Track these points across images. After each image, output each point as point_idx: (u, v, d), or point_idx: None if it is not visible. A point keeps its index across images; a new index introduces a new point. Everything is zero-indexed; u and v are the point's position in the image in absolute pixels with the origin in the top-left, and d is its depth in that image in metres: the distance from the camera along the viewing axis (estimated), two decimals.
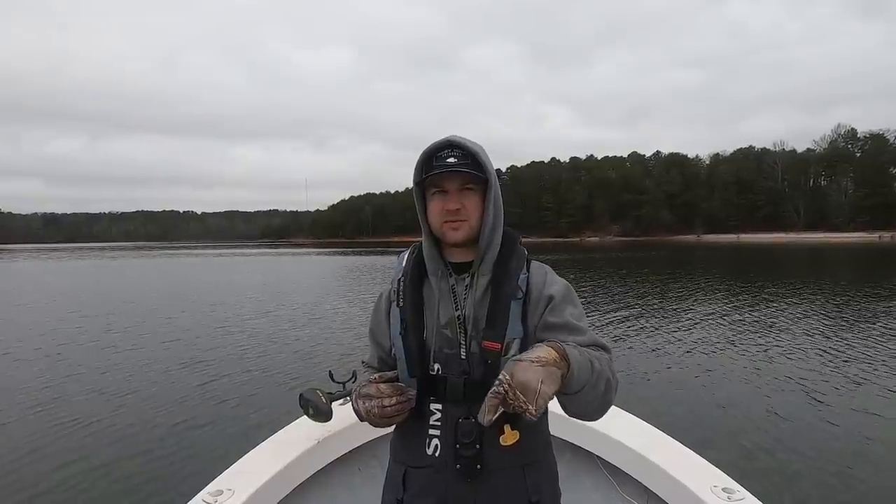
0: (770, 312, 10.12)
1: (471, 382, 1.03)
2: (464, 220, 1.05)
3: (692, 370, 6.22)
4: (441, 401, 1.05)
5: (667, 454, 1.67)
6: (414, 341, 1.08)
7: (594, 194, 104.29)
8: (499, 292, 1.06)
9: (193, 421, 4.68)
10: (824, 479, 3.45)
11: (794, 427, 4.35)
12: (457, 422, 1.03)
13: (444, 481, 1.04)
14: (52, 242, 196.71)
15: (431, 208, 1.08)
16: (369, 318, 1.23)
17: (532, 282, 1.08)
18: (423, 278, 1.13)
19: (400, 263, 1.17)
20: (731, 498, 1.39)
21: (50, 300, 14.47)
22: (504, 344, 1.02)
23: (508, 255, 1.10)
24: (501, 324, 1.03)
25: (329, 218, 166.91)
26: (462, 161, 1.03)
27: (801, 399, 5.05)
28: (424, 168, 1.06)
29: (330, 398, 1.84)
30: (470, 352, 1.05)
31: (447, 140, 1.05)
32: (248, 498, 1.43)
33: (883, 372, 5.86)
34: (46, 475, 3.66)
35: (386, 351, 1.17)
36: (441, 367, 1.06)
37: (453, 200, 1.05)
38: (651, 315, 10.13)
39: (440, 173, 1.03)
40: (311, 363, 6.73)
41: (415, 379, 1.06)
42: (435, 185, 1.06)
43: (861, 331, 8.19)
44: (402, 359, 1.08)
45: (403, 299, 1.11)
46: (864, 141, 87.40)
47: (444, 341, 1.07)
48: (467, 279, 1.09)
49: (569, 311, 1.05)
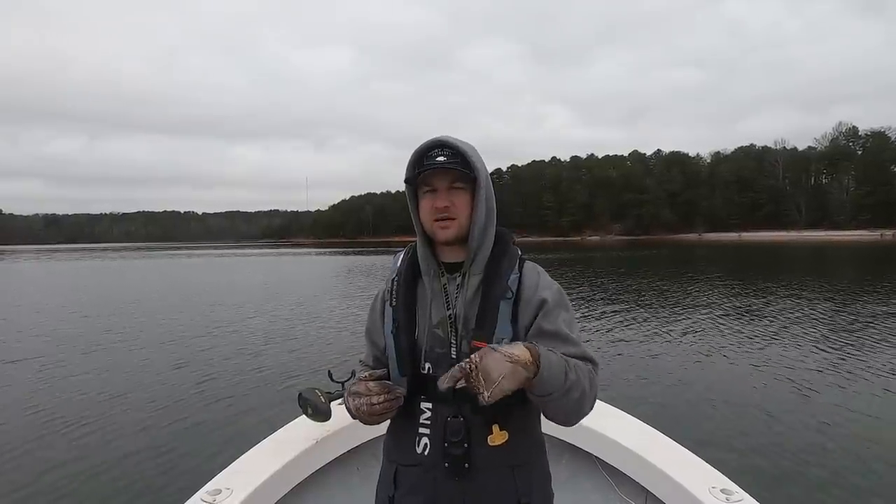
0: (771, 312, 10.11)
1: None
2: (453, 219, 1.06)
3: (690, 371, 6.21)
4: (431, 400, 1.06)
5: (665, 455, 1.67)
6: (405, 340, 1.09)
7: (595, 193, 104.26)
8: (488, 292, 1.06)
9: (192, 420, 4.69)
10: (823, 480, 3.44)
11: (793, 428, 4.34)
12: (446, 420, 1.04)
13: (433, 480, 1.05)
14: (53, 243, 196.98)
15: (423, 207, 1.10)
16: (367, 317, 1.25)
17: (524, 282, 1.08)
18: (417, 278, 1.14)
19: (395, 263, 1.18)
20: (729, 499, 1.39)
21: (52, 300, 14.49)
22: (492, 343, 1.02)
23: (500, 255, 1.10)
24: (490, 324, 1.03)
25: (330, 218, 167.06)
26: (451, 160, 1.05)
27: (800, 400, 5.04)
28: (415, 167, 1.08)
29: (329, 398, 1.84)
30: (461, 351, 1.05)
31: (437, 139, 1.07)
32: (246, 497, 1.42)
33: (883, 373, 5.84)
34: (46, 475, 3.67)
35: (381, 350, 1.18)
36: (432, 366, 1.07)
37: (442, 198, 1.06)
38: (650, 315, 10.12)
39: (429, 171, 1.05)
40: (310, 363, 6.73)
41: (405, 378, 1.07)
42: (426, 183, 1.08)
43: (862, 331, 8.17)
44: (393, 358, 1.10)
45: (396, 299, 1.12)
46: (865, 139, 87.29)
47: (435, 341, 1.08)
48: (458, 279, 1.10)
49: (562, 318, 1.06)
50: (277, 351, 7.47)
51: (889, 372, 5.80)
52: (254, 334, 8.77)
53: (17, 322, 10.71)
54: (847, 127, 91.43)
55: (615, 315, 10.07)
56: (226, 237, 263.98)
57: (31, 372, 6.55)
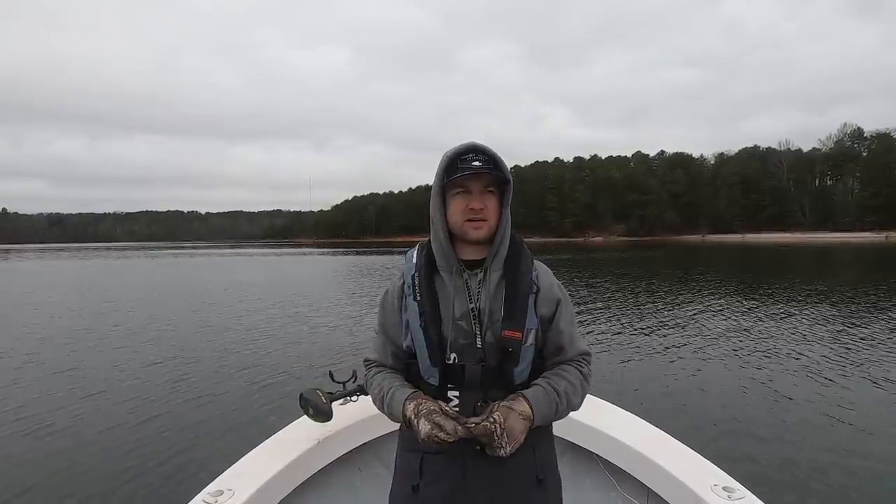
0: (772, 312, 10.06)
1: (487, 369, 1.13)
2: (485, 220, 1.15)
3: (692, 369, 6.19)
4: (459, 388, 1.14)
5: (667, 453, 1.66)
6: (434, 333, 1.14)
7: (598, 194, 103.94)
8: (515, 287, 1.16)
9: (193, 420, 4.69)
10: (825, 477, 3.43)
11: (795, 426, 4.32)
12: (476, 405, 1.12)
13: (460, 466, 1.12)
14: (58, 242, 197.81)
15: (454, 206, 1.16)
16: (374, 316, 1.27)
17: (541, 279, 1.20)
18: (434, 274, 1.20)
19: (411, 260, 1.23)
20: (731, 497, 1.39)
21: (57, 298, 14.55)
22: (524, 333, 1.13)
23: (518, 254, 1.20)
24: (521, 316, 1.13)
25: (332, 218, 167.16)
26: (486, 165, 1.13)
27: (803, 398, 5.02)
28: (449, 170, 1.14)
29: (330, 398, 1.84)
30: (486, 341, 1.14)
31: (472, 144, 1.14)
32: (248, 498, 1.43)
33: (887, 369, 5.81)
34: (46, 474, 3.68)
35: (398, 345, 1.22)
36: (458, 356, 1.14)
37: (477, 200, 1.14)
38: (652, 315, 10.09)
39: (468, 175, 1.12)
40: (311, 363, 6.73)
41: (437, 368, 1.14)
42: (458, 185, 1.14)
43: (865, 331, 8.13)
44: (423, 349, 1.14)
45: (420, 294, 1.17)
46: (870, 140, 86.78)
47: (459, 333, 1.15)
48: (480, 274, 1.18)
49: (571, 318, 1.22)
50: (278, 351, 7.47)
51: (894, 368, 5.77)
52: (255, 334, 8.78)
53: (20, 321, 10.76)
54: (852, 128, 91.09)
55: (616, 314, 10.04)
56: (228, 237, 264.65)
57: (32, 371, 6.57)
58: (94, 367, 6.68)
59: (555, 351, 1.20)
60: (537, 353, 1.18)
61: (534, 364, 1.17)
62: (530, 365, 1.16)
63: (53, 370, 6.57)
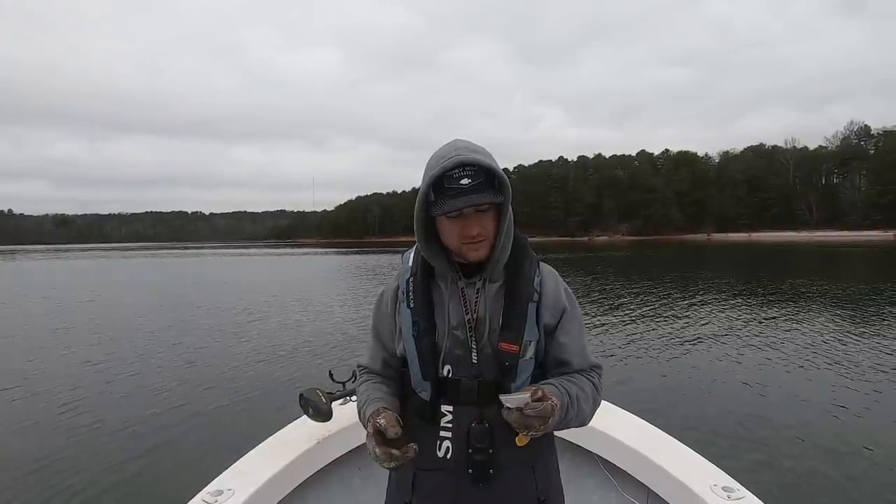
0: (775, 312, 10.01)
1: (484, 384, 1.04)
2: (483, 241, 1.02)
3: (693, 369, 6.17)
4: (453, 402, 1.05)
5: (667, 453, 1.66)
6: (427, 344, 1.06)
7: (602, 193, 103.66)
8: (515, 295, 1.06)
9: (193, 420, 4.71)
10: (826, 478, 3.42)
11: (795, 427, 4.30)
12: (469, 426, 1.03)
13: (455, 484, 1.04)
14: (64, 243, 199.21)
15: (447, 229, 1.03)
16: (370, 317, 1.20)
17: (545, 284, 1.09)
18: (430, 279, 1.11)
19: (406, 263, 1.14)
20: (731, 496, 1.39)
21: (61, 298, 14.65)
22: (522, 346, 1.03)
23: (521, 258, 1.09)
24: (519, 325, 1.04)
25: (336, 218, 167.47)
26: (476, 181, 0.97)
27: (803, 399, 5.00)
28: (435, 191, 0.99)
29: (330, 398, 1.84)
30: (482, 354, 1.04)
31: (458, 160, 0.97)
32: (248, 498, 1.42)
33: (888, 369, 5.77)
34: (46, 474, 3.70)
35: (391, 352, 1.14)
36: (452, 369, 1.05)
37: (472, 225, 1.00)
38: (652, 315, 10.05)
39: (455, 200, 0.97)
40: (310, 363, 6.74)
41: (429, 381, 1.05)
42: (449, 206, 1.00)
43: (868, 333, 8.07)
44: (416, 361, 1.06)
45: (414, 300, 1.08)
46: (877, 138, 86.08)
47: (455, 343, 1.06)
48: (478, 282, 1.07)
49: (579, 328, 1.11)
50: (278, 351, 7.49)
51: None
52: (255, 334, 8.81)
53: (23, 322, 10.84)
54: (859, 125, 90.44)
55: (616, 314, 10.02)
56: (233, 237, 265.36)
57: (34, 371, 6.61)
58: (93, 367, 6.72)
59: (557, 364, 1.10)
60: (538, 365, 1.08)
61: (534, 377, 1.07)
62: (529, 379, 1.06)
63: (53, 370, 6.61)
